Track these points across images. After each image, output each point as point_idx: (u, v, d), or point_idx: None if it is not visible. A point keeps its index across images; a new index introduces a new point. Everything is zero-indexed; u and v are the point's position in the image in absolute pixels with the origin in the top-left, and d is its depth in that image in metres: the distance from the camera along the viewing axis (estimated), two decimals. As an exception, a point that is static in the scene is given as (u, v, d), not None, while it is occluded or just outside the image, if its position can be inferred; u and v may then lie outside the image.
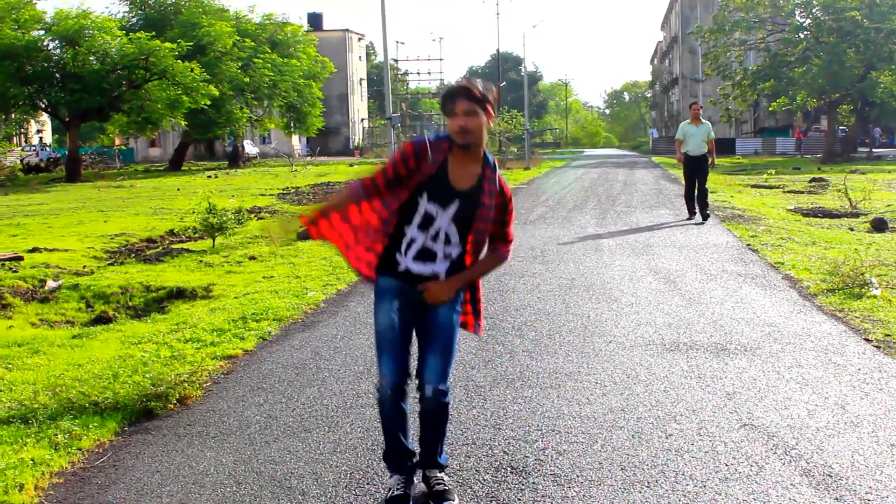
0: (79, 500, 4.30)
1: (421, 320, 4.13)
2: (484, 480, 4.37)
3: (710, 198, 20.47)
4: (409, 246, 4.08)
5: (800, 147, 59.07)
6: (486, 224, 4.12)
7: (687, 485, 4.25)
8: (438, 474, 4.24)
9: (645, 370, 6.27)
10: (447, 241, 4.07)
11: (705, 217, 16.01)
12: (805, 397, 5.58)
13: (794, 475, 4.34)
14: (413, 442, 4.27)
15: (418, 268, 4.08)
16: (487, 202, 4.08)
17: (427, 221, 4.05)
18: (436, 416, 4.14)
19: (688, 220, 16.22)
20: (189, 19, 45.77)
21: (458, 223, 4.06)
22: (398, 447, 4.18)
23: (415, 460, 4.25)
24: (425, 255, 4.08)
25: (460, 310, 4.21)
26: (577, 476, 4.39)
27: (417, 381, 4.11)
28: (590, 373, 6.25)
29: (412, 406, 4.16)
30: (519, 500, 4.13)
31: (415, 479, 4.27)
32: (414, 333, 4.18)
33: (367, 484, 4.36)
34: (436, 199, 4.02)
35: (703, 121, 16.16)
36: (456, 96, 3.96)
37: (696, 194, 16.22)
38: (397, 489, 4.14)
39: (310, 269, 11.29)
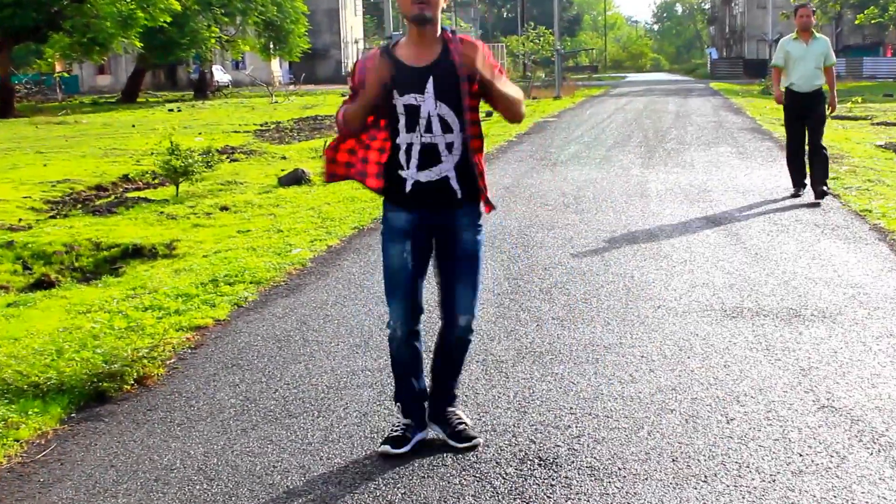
0: (17, 500, 4.33)
1: (444, 249, 4.60)
2: (507, 474, 4.39)
3: (776, 132, 20.34)
4: (408, 154, 4.40)
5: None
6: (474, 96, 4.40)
7: (752, 479, 4.26)
8: (457, 412, 4.82)
9: (701, 341, 6.26)
10: (444, 127, 4.37)
11: (821, 194, 11.75)
12: (897, 373, 5.57)
13: (883, 467, 4.34)
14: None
15: (426, 175, 4.41)
16: (461, 67, 4.31)
17: (412, 117, 4.36)
18: (462, 348, 4.74)
19: (793, 195, 12.13)
20: (143, -84, 45.46)
21: (446, 100, 4.35)
22: (409, 390, 4.75)
23: (426, 404, 4.81)
24: (428, 156, 4.38)
25: (482, 237, 4.64)
26: (619, 469, 4.40)
27: (443, 314, 4.69)
28: (634, 345, 6.24)
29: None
30: (549, 497, 4.15)
31: (426, 431, 4.77)
32: (431, 265, 4.68)
33: (365, 479, 4.38)
34: (408, 88, 4.32)
35: (818, 35, 12.25)
36: None
37: (806, 155, 12.12)
38: (397, 430, 4.70)
39: (294, 221, 11.29)
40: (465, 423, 4.76)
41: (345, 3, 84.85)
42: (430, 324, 5.40)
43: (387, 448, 4.60)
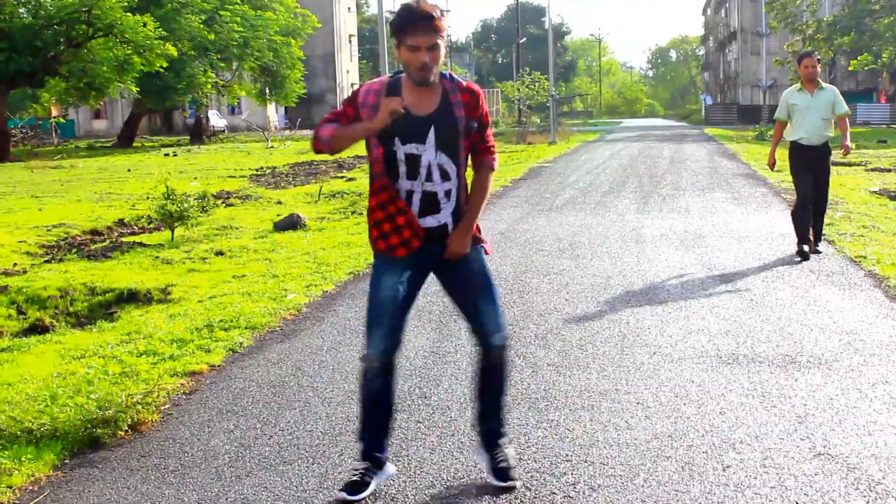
0: (10, 547, 4.31)
1: (455, 275, 4.73)
2: (502, 522, 4.37)
3: (771, 178, 20.42)
4: (409, 201, 4.52)
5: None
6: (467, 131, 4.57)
7: (749, 527, 4.25)
8: (503, 448, 4.80)
9: (697, 388, 6.26)
10: (443, 175, 4.51)
11: (815, 249, 11.38)
12: (894, 420, 5.57)
13: (879, 515, 4.33)
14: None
15: (427, 223, 4.57)
16: (460, 115, 4.50)
17: (412, 165, 4.47)
18: (502, 367, 4.82)
19: (798, 253, 11.20)
20: (141, -37, 45.78)
21: (445, 150, 4.49)
22: (377, 427, 4.75)
23: (386, 443, 4.81)
24: (428, 203, 4.52)
25: (483, 256, 4.78)
26: (615, 517, 4.38)
27: (477, 336, 4.77)
28: (630, 391, 6.24)
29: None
30: (544, 546, 4.13)
31: (384, 470, 4.76)
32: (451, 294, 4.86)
33: (360, 527, 4.36)
34: (409, 138, 4.43)
35: (825, 85, 11.44)
36: (419, 26, 4.29)
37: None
38: (356, 474, 4.63)
39: (289, 266, 11.30)
40: (508, 461, 4.73)
41: (340, 48, 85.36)
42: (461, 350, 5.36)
43: (343, 495, 4.56)
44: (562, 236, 13.25)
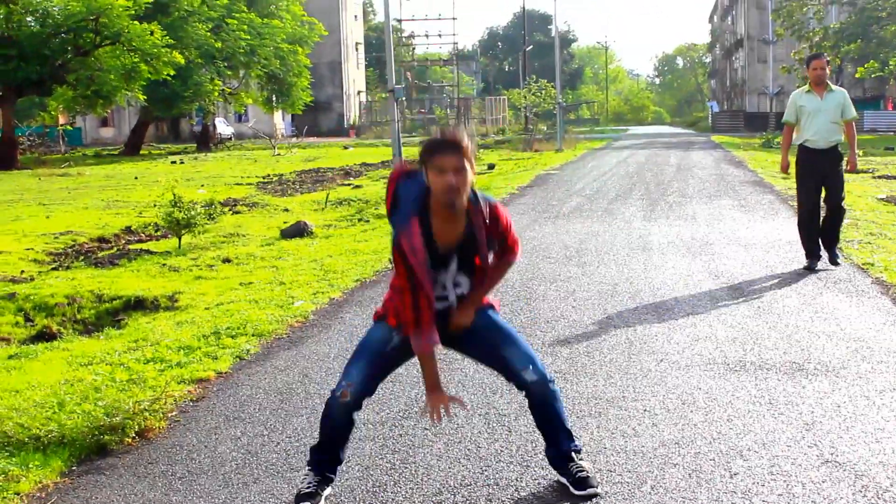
0: (18, 554, 4.31)
1: (467, 339, 4.69)
2: (509, 529, 4.37)
3: (777, 185, 20.41)
4: None
5: None
6: (488, 251, 4.59)
7: (756, 534, 4.24)
8: (577, 462, 4.78)
9: (704, 395, 6.26)
10: (456, 285, 4.61)
11: (833, 257, 10.98)
12: (901, 427, 5.56)
13: (887, 522, 4.33)
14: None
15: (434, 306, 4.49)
16: (483, 238, 4.47)
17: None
18: (551, 402, 4.73)
19: (806, 267, 10.80)
20: (148, -29, 45.85)
21: (463, 270, 4.54)
22: (331, 454, 4.73)
23: (337, 470, 4.80)
24: (437, 300, 4.52)
25: (492, 311, 4.78)
26: (623, 524, 4.38)
27: (513, 381, 4.72)
28: (637, 398, 6.24)
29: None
30: (551, 553, 4.13)
31: (328, 488, 4.74)
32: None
33: (367, 534, 4.36)
34: (432, 263, 4.40)
35: (834, 87, 11.02)
36: (444, 150, 4.26)
37: (821, 219, 11.02)
38: (308, 486, 4.65)
39: (296, 273, 11.31)
40: (584, 470, 4.73)
41: (347, 56, 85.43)
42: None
43: None
44: (568, 243, 13.25)
